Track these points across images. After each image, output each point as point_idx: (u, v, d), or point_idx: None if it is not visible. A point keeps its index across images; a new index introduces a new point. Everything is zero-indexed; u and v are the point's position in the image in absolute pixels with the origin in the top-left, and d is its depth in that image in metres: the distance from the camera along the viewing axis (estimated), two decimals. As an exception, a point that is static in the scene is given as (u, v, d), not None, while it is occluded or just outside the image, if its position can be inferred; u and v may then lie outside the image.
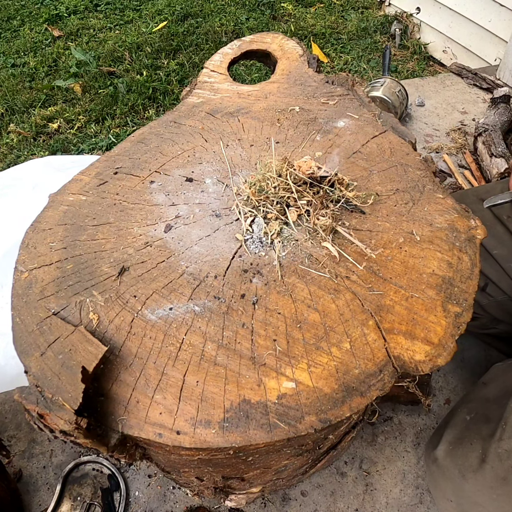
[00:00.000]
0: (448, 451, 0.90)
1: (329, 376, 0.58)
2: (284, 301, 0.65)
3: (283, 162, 0.76)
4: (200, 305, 0.65)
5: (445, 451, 0.91)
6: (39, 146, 2.24)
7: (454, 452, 0.89)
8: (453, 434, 0.92)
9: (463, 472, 0.85)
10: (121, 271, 0.69)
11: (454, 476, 0.87)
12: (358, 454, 1.16)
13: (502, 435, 0.83)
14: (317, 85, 1.05)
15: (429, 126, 2.11)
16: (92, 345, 0.58)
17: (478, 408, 0.93)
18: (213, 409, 0.56)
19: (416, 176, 0.82)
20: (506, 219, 1.05)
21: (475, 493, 0.83)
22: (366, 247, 0.70)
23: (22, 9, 3.34)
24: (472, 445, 0.86)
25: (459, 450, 0.88)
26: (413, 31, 2.93)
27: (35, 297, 0.67)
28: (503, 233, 1.04)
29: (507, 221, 1.05)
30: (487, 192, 1.15)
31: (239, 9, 3.23)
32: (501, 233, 1.04)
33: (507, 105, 1.97)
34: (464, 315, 0.64)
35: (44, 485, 1.12)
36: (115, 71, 2.67)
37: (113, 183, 0.84)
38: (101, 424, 0.56)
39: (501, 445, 0.82)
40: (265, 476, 0.83)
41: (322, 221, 0.71)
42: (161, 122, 0.98)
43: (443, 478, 0.90)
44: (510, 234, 1.04)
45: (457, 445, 0.89)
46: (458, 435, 0.91)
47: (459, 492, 0.87)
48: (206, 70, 1.12)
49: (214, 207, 0.79)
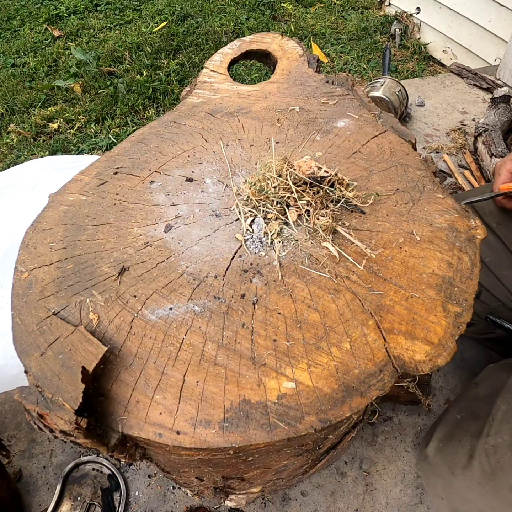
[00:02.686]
0: (438, 449, 0.91)
1: (329, 376, 0.58)
2: (284, 301, 0.65)
3: (283, 162, 0.76)
4: (200, 305, 0.65)
5: (435, 448, 0.91)
6: (39, 146, 2.24)
7: (443, 449, 0.89)
8: (443, 432, 0.93)
9: (452, 468, 0.85)
10: (121, 271, 0.69)
11: (444, 473, 0.87)
12: (358, 454, 1.16)
13: (489, 431, 0.83)
14: (317, 85, 1.05)
15: (429, 126, 2.11)
16: (92, 345, 0.58)
17: (468, 407, 0.93)
18: (213, 409, 0.56)
19: (416, 176, 0.82)
20: (495, 226, 1.05)
21: (464, 490, 0.83)
22: (366, 247, 0.70)
23: (22, 9, 3.34)
24: (461, 442, 0.87)
25: (448, 448, 0.89)
26: (413, 31, 2.93)
27: (35, 297, 0.67)
28: (494, 241, 1.04)
29: (496, 229, 1.05)
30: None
31: (239, 9, 3.23)
32: (492, 241, 1.04)
33: (507, 105, 1.97)
34: (464, 315, 0.64)
35: (44, 485, 1.12)
36: (115, 71, 2.67)
37: (113, 183, 0.84)
38: (101, 424, 0.56)
39: (488, 441, 0.82)
40: (265, 476, 0.83)
41: (322, 221, 0.71)
42: (161, 122, 0.98)
43: (433, 475, 0.91)
44: (500, 242, 1.04)
45: (446, 442, 0.90)
46: (448, 433, 0.91)
47: (449, 489, 0.87)
48: (206, 70, 1.12)
49: (214, 207, 0.79)
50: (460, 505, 0.86)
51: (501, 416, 0.84)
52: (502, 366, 0.97)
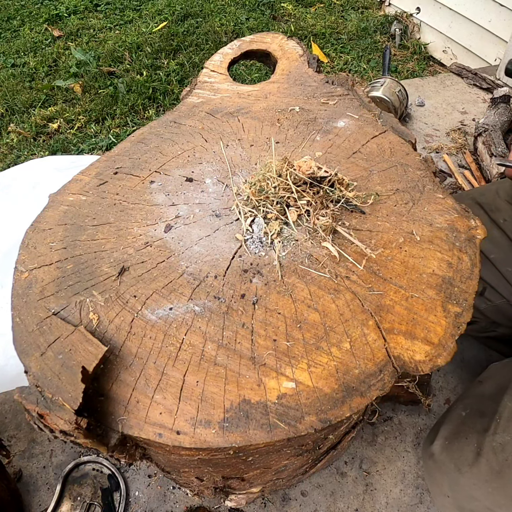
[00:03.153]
0: (444, 446, 0.90)
1: (329, 376, 0.58)
2: (284, 301, 0.65)
3: (283, 162, 0.76)
4: (200, 305, 0.65)
5: (441, 446, 0.91)
6: (39, 146, 2.24)
7: (450, 446, 0.89)
8: (449, 430, 0.92)
9: (458, 466, 0.85)
10: (121, 271, 0.69)
11: (450, 471, 0.87)
12: (358, 454, 1.16)
13: (496, 429, 0.83)
14: (317, 85, 1.05)
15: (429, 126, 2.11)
16: (92, 345, 0.58)
17: (473, 404, 0.93)
18: (213, 409, 0.56)
19: (416, 176, 0.82)
20: (502, 222, 1.05)
21: (471, 487, 0.83)
22: (366, 247, 0.70)
23: (22, 9, 3.34)
24: (468, 439, 0.87)
25: (454, 445, 0.88)
26: (413, 31, 2.93)
27: (35, 297, 0.67)
28: (499, 237, 1.04)
29: (503, 225, 1.04)
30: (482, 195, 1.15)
31: (239, 9, 3.23)
32: (498, 237, 1.04)
33: (507, 105, 1.97)
34: (464, 315, 0.64)
35: (44, 485, 1.12)
36: (115, 71, 2.67)
37: (113, 183, 0.84)
38: (101, 424, 0.56)
39: (495, 439, 0.82)
40: (265, 476, 0.83)
41: (322, 221, 0.71)
42: (161, 122, 0.98)
43: (439, 473, 0.90)
44: (506, 238, 1.04)
45: (452, 439, 0.90)
46: (453, 430, 0.91)
47: (455, 486, 0.87)
48: (206, 70, 1.12)
49: (214, 207, 0.79)
50: (467, 503, 0.85)
51: (508, 414, 0.84)
52: (506, 364, 0.97)
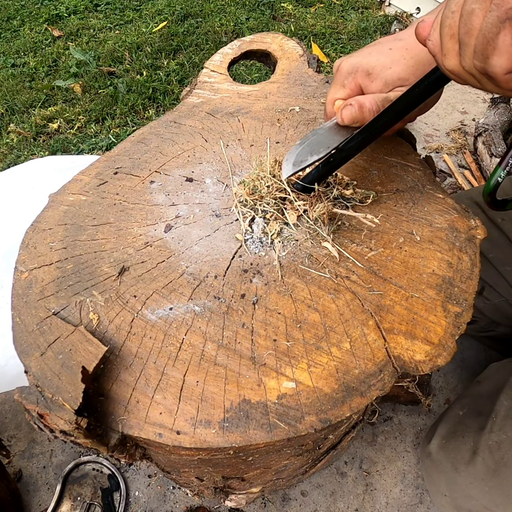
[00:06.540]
0: (441, 445, 0.91)
1: (329, 376, 0.58)
2: (284, 301, 0.65)
3: (274, 163, 0.76)
4: (200, 305, 0.65)
5: (438, 445, 0.91)
6: (39, 146, 2.24)
7: (446, 445, 0.89)
8: (446, 429, 0.93)
9: (455, 465, 0.85)
10: (121, 271, 0.69)
11: (447, 470, 0.87)
12: (358, 454, 1.16)
13: (492, 428, 0.83)
14: (317, 85, 1.05)
15: (429, 126, 2.11)
16: (92, 345, 0.58)
17: (471, 404, 0.93)
18: (213, 409, 0.56)
19: (416, 176, 0.82)
20: (500, 221, 1.05)
21: (468, 486, 0.83)
22: (365, 217, 0.71)
23: (22, 9, 3.34)
24: (464, 438, 0.87)
25: (451, 444, 0.88)
26: (413, 31, 2.92)
27: (35, 297, 0.67)
28: (498, 236, 1.04)
29: (501, 224, 1.04)
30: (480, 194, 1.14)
31: (239, 9, 3.22)
32: (496, 236, 1.04)
33: (507, 105, 1.97)
34: (464, 315, 0.64)
35: (44, 485, 1.12)
36: (115, 71, 2.67)
37: (113, 183, 0.84)
38: (101, 424, 0.56)
39: (491, 437, 0.82)
40: (265, 476, 0.83)
41: (319, 208, 0.71)
42: (161, 122, 0.98)
43: (436, 472, 0.90)
44: (505, 237, 1.04)
45: (449, 438, 0.90)
46: (450, 429, 0.91)
47: (452, 485, 0.87)
48: (206, 70, 1.12)
49: (214, 207, 0.79)
50: (464, 502, 0.86)
51: (505, 413, 0.84)
52: (505, 364, 0.97)
